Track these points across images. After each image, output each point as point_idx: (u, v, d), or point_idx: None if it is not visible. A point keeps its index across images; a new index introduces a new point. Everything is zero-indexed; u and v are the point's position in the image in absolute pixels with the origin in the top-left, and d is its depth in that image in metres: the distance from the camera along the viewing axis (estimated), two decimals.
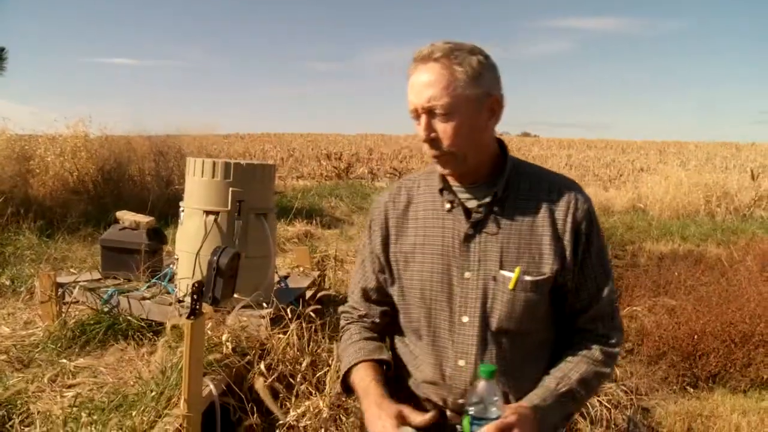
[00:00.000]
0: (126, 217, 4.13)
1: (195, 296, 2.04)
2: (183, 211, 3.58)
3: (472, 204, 1.38)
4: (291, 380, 2.87)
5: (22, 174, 8.27)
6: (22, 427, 2.61)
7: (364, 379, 1.40)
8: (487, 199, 1.35)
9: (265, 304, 3.31)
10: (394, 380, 1.56)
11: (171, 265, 3.85)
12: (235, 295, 3.10)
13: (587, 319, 1.41)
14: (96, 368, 3.17)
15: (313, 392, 2.81)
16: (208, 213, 3.40)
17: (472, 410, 1.17)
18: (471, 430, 1.16)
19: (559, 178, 1.43)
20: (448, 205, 1.39)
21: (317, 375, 2.89)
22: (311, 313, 3.15)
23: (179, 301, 3.47)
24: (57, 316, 3.63)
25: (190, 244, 3.41)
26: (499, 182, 1.36)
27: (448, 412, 1.41)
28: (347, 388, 1.47)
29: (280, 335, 3.04)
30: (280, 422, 2.65)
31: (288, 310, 3.11)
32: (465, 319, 1.36)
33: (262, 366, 2.78)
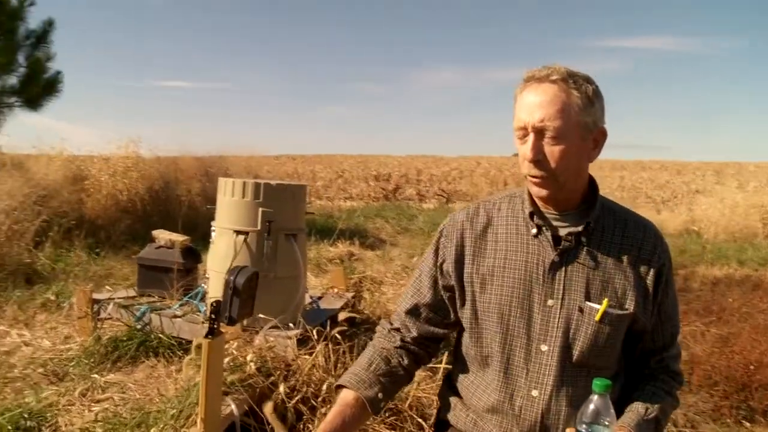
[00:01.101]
0: (162, 236, 4.20)
1: (213, 315, 2.04)
2: (214, 230, 3.61)
3: (562, 231, 1.35)
4: (314, 402, 2.83)
5: (77, 193, 8.55)
6: None
7: (332, 409, 1.40)
8: (579, 228, 1.32)
9: (291, 325, 3.29)
10: (439, 424, 1.54)
11: (202, 284, 3.88)
12: (262, 315, 3.11)
13: (661, 359, 1.43)
14: (125, 384, 3.20)
15: None
16: (237, 233, 3.41)
17: (584, 428, 1.13)
18: None
19: (641, 219, 1.42)
20: (534, 230, 1.35)
21: None
22: (337, 335, 3.11)
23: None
24: (92, 331, 3.70)
25: (220, 264, 3.43)
26: (592, 213, 1.33)
27: None
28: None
29: (306, 356, 3.01)
30: None
31: (314, 332, 3.08)
32: (544, 348, 1.32)
33: (282, 388, 2.74)
